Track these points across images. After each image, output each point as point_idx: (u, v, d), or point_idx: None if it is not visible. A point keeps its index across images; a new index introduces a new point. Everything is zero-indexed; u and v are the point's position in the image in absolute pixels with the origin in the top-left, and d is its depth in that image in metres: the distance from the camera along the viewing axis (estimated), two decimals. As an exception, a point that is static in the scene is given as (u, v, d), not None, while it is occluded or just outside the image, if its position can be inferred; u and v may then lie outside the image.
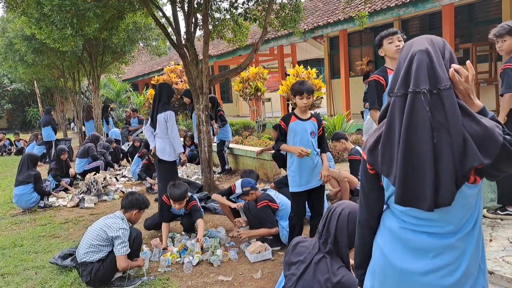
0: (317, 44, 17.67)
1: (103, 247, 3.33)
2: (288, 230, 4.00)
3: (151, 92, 15.94)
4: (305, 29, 11.99)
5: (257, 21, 6.75)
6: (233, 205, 4.43)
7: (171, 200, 4.31)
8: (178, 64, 14.47)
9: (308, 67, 9.71)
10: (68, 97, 17.38)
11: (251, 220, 4.19)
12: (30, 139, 13.41)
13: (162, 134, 5.52)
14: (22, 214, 6.06)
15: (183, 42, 6.48)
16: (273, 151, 7.11)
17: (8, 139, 15.03)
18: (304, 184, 3.64)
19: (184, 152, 6.14)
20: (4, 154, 14.04)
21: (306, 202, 3.87)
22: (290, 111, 9.23)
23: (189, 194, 4.51)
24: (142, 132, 13.81)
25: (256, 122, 12.44)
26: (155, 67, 22.96)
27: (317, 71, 9.53)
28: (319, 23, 11.36)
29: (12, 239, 4.76)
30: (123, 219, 3.49)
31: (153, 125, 5.64)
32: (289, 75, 9.60)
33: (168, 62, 19.16)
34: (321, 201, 3.80)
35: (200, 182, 6.75)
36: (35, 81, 19.68)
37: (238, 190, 4.26)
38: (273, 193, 4.23)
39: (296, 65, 9.69)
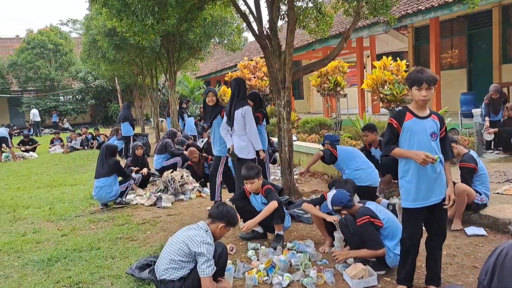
0: (399, 35, 16.43)
1: (185, 264, 2.90)
2: (395, 252, 3.31)
3: (223, 89, 15.83)
4: (387, 19, 10.96)
5: (350, 4, 6.04)
6: (329, 218, 3.83)
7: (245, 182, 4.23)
8: (251, 60, 14.14)
9: (398, 58, 8.78)
10: (146, 93, 17.88)
11: (349, 239, 3.55)
12: (111, 133, 13.86)
13: (240, 131, 5.15)
14: (100, 212, 5.97)
15: (265, 33, 5.99)
16: (360, 153, 6.41)
17: (91, 133, 15.72)
18: (422, 199, 2.93)
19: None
20: (86, 147, 14.67)
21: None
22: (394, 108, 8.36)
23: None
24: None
25: (333, 119, 11.70)
26: (228, 63, 22.96)
27: (407, 63, 8.57)
28: (408, 11, 10.29)
29: (90, 240, 4.58)
30: (207, 231, 3.03)
31: (230, 122, 5.27)
32: (375, 68, 8.75)
33: (241, 58, 18.98)
34: (444, 220, 3.05)
35: (280, 185, 6.22)
36: (116, 78, 20.54)
37: (329, 207, 3.65)
38: (373, 206, 3.55)
39: (384, 57, 8.81)
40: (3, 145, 12.94)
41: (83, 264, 3.87)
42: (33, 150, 14.32)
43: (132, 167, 7.42)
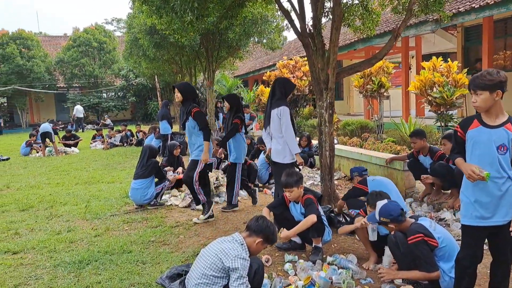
0: (448, 35, 15.56)
1: (217, 279, 2.67)
2: (451, 275, 2.95)
3: (261, 88, 15.63)
4: (439, 17, 10.35)
5: (399, 0, 5.64)
6: (356, 225, 3.63)
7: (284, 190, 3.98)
8: (290, 59, 13.83)
9: (449, 59, 8.21)
10: (185, 91, 17.96)
11: (399, 258, 3.20)
12: (148, 131, 13.97)
13: (276, 132, 4.85)
14: (135, 212, 5.87)
15: (308, 30, 5.69)
16: (407, 160, 5.98)
17: (130, 130, 15.95)
18: (482, 217, 2.58)
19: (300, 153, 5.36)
20: (125, 144, 14.89)
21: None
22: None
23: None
24: (252, 129, 13.49)
25: (375, 121, 11.21)
26: (266, 63, 22.76)
27: (459, 64, 7.99)
28: (460, 9, 9.66)
29: (122, 242, 4.46)
30: (242, 244, 2.79)
31: (267, 123, 5.00)
32: (424, 69, 8.22)
33: (280, 57, 18.70)
34: (509, 244, 2.68)
35: (319, 191, 5.91)
36: (156, 76, 20.82)
37: (376, 217, 3.31)
38: (427, 223, 3.18)
39: (434, 57, 8.27)
40: (47, 140, 13.32)
41: (113, 269, 3.74)
42: (75, 145, 14.69)
43: (166, 167, 7.31)
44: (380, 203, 3.32)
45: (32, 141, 14.01)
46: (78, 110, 25.37)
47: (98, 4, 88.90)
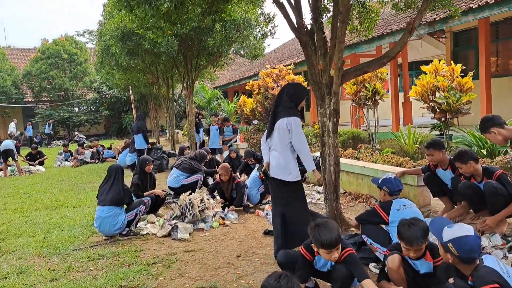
0: (434, 41, 15.22)
1: None
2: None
3: (243, 98, 14.82)
4: (425, 22, 9.89)
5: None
6: None
7: (320, 249, 2.87)
8: (274, 68, 13.11)
9: (452, 62, 7.59)
10: (162, 103, 16.99)
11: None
12: (123, 147, 12.89)
13: (280, 145, 4.02)
14: (103, 245, 4.86)
15: (306, 28, 4.90)
16: (422, 174, 5.20)
17: (102, 145, 14.81)
18: None
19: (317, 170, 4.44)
20: (97, 161, 13.72)
21: None
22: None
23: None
24: (236, 141, 12.59)
25: (367, 131, 10.57)
26: (247, 73, 22.09)
27: (463, 67, 7.36)
28: (471, 5, 9.07)
29: (84, 291, 3.48)
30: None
31: (268, 133, 4.16)
32: (425, 73, 7.55)
33: (260, 68, 18.00)
34: None
35: (323, 213, 5.05)
36: (130, 87, 19.75)
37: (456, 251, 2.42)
38: (496, 265, 2.35)
39: (435, 60, 7.60)
40: (9, 158, 12.04)
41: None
42: (41, 163, 13.43)
43: (140, 192, 6.12)
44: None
45: (-5, 160, 12.67)
46: (11, 126, 24.24)
47: (71, 17, 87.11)
